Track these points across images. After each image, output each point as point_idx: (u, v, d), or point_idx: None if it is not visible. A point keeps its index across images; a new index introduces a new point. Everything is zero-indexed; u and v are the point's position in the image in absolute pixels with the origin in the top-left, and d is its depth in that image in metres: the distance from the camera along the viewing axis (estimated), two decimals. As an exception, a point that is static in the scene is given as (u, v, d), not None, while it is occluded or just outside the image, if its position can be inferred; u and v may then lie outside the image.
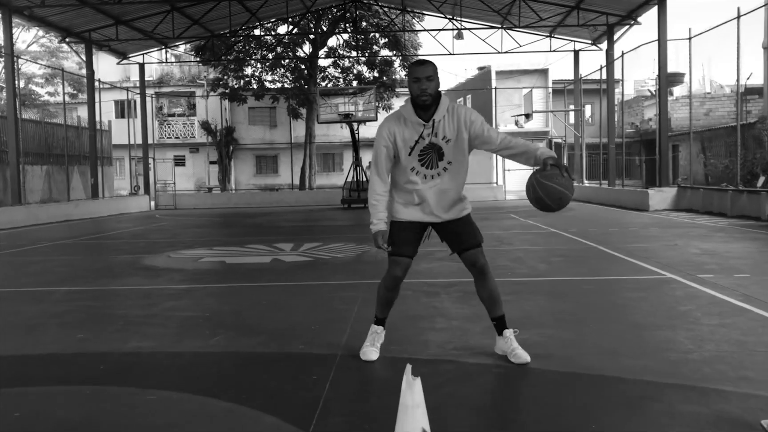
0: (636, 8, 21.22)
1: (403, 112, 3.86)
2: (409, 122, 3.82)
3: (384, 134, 3.87)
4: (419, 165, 3.86)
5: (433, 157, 3.85)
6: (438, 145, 3.82)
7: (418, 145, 3.82)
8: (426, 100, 3.72)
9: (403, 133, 3.83)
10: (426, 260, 8.75)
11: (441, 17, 25.23)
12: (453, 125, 3.81)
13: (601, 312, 5.54)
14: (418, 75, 3.71)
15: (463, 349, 4.39)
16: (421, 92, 3.71)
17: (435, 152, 3.84)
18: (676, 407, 3.27)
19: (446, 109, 3.81)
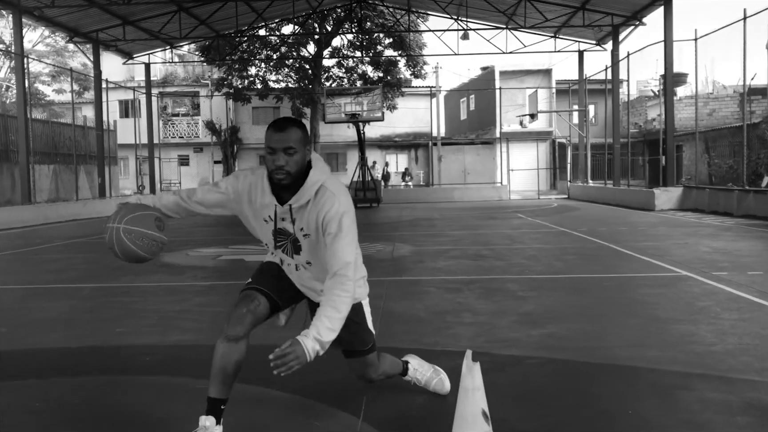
0: (641, 9, 21.38)
1: (257, 180, 2.84)
2: (260, 194, 2.83)
3: (228, 184, 2.91)
4: (273, 245, 2.93)
5: (289, 247, 2.89)
6: (293, 235, 2.84)
7: (270, 222, 2.85)
8: (282, 179, 2.69)
9: (258, 200, 2.84)
10: (442, 258, 8.91)
11: (446, 17, 25.38)
12: (314, 216, 2.76)
13: (622, 307, 5.70)
14: (273, 145, 2.67)
15: (493, 342, 4.54)
16: (276, 168, 2.67)
17: (290, 243, 2.88)
18: (706, 395, 3.42)
19: (313, 193, 2.74)
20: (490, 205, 23.19)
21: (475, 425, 2.45)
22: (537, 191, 29.27)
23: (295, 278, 3.00)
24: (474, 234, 12.34)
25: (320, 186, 2.74)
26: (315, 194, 2.74)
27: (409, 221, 16.16)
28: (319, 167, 2.78)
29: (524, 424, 3.12)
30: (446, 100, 43.30)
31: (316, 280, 2.93)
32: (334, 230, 2.70)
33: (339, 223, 2.71)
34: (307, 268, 2.93)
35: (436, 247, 10.30)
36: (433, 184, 32.79)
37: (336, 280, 2.65)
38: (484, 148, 36.22)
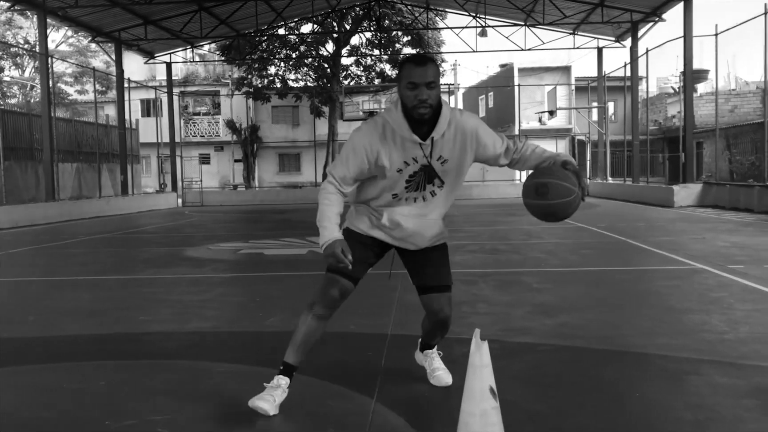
0: (661, 5, 21.27)
1: (391, 123, 2.88)
2: (398, 138, 2.87)
3: (362, 148, 2.89)
4: (403, 189, 3.00)
5: (422, 179, 2.97)
6: (431, 167, 2.94)
7: (408, 167, 2.92)
8: (425, 113, 2.78)
9: (390, 153, 2.89)
10: (459, 252, 9.00)
11: (464, 15, 25.40)
12: (456, 143, 2.93)
13: (637, 298, 5.75)
14: (416, 79, 2.75)
15: (507, 330, 4.63)
16: (419, 103, 2.76)
17: (425, 174, 2.96)
18: (715, 380, 3.48)
19: (447, 122, 2.88)
20: (509, 202, 23.18)
21: (483, 400, 2.54)
22: (556, 188, 29.17)
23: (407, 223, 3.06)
24: (492, 230, 12.41)
25: (451, 115, 2.90)
26: (448, 125, 2.89)
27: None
28: (445, 102, 2.94)
29: (533, 405, 3.20)
30: (465, 97, 43.28)
31: (433, 215, 3.10)
32: (492, 147, 3.01)
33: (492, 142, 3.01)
34: (435, 194, 3.04)
35: (453, 242, 10.34)
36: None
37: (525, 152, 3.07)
38: (503, 146, 36.12)
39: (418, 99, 2.74)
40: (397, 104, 2.87)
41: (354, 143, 2.92)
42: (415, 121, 2.82)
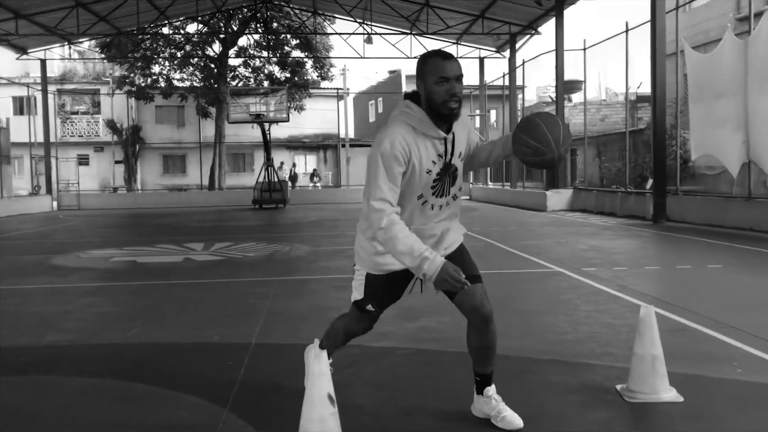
0: (536, 19, 22.36)
1: (412, 122, 2.77)
2: (421, 136, 2.77)
3: (397, 151, 2.72)
4: (431, 194, 2.88)
5: (446, 182, 2.89)
6: (453, 166, 2.89)
7: (435, 167, 2.82)
8: (456, 108, 2.73)
9: (419, 152, 2.77)
10: (339, 257, 9.14)
11: (352, 21, 25.68)
12: (464, 135, 2.97)
13: (494, 301, 6.01)
14: (447, 74, 2.69)
15: (369, 335, 4.78)
16: (450, 97, 2.70)
17: (449, 176, 2.89)
18: (550, 378, 3.79)
19: (459, 122, 2.91)
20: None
21: (321, 406, 2.68)
22: (441, 193, 29.99)
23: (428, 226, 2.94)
24: (372, 234, 12.64)
25: None
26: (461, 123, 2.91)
27: (312, 222, 16.31)
28: None
29: (381, 408, 3.38)
30: (355, 102, 43.70)
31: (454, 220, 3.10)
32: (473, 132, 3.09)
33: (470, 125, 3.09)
34: (457, 197, 3.01)
35: (334, 247, 10.52)
36: (341, 185, 33.00)
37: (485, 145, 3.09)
38: (391, 150, 36.71)
39: (449, 93, 2.69)
40: (410, 104, 2.80)
41: (386, 153, 2.71)
42: (440, 119, 2.77)
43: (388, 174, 2.71)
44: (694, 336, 4.65)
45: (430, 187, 2.85)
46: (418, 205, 2.88)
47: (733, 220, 11.92)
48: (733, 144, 12.08)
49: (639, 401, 3.35)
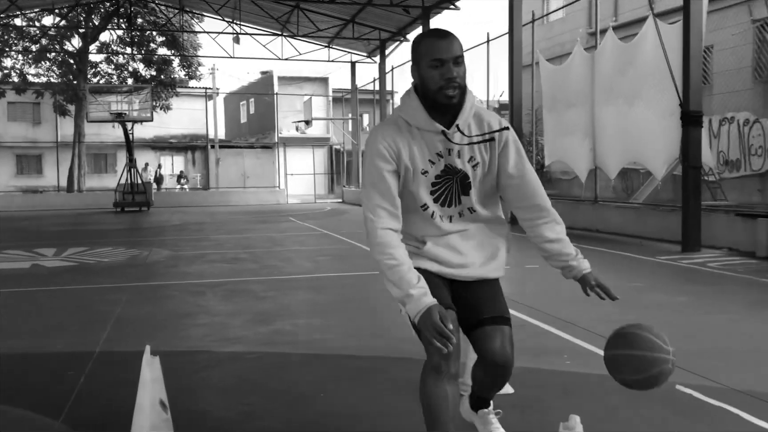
0: (405, 26, 22.88)
1: (404, 115, 2.36)
2: (415, 131, 2.35)
3: (382, 147, 2.32)
4: (431, 200, 2.41)
5: (453, 188, 2.41)
6: (461, 170, 2.39)
7: (433, 167, 2.37)
8: (454, 96, 2.27)
9: (410, 150, 2.35)
10: (198, 262, 8.95)
11: (220, 20, 25.17)
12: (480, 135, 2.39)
13: (354, 302, 6.20)
14: (442, 55, 2.25)
15: (220, 340, 4.75)
16: (447, 82, 2.25)
17: (456, 182, 2.41)
18: (398, 376, 3.91)
19: (471, 111, 2.37)
20: (267, 209, 23.37)
21: (153, 414, 2.63)
22: (314, 195, 30.02)
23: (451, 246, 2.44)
24: (238, 238, 12.47)
25: (476, 108, 2.37)
26: (472, 114, 2.36)
27: (176, 225, 15.83)
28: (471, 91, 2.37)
29: (224, 413, 3.35)
30: (226, 103, 42.82)
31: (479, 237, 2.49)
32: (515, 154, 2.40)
33: (517, 146, 2.42)
34: (476, 211, 2.45)
35: (195, 251, 10.28)
36: (210, 187, 32.22)
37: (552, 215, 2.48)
38: (264, 152, 36.37)
39: (445, 78, 2.23)
40: (409, 95, 2.37)
41: (372, 146, 2.34)
42: (436, 110, 2.31)
43: (377, 176, 2.32)
44: (534, 331, 4.95)
45: (429, 193, 2.39)
46: (425, 215, 2.43)
47: (582, 222, 12.76)
48: (582, 151, 12.94)
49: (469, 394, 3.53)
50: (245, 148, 36.35)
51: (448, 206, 2.43)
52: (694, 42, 9.17)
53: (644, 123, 11.01)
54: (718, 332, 4.93)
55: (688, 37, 9.17)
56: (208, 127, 30.61)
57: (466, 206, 2.44)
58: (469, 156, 2.37)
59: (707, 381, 3.66)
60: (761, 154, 14.96)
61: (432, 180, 2.38)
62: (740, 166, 15.58)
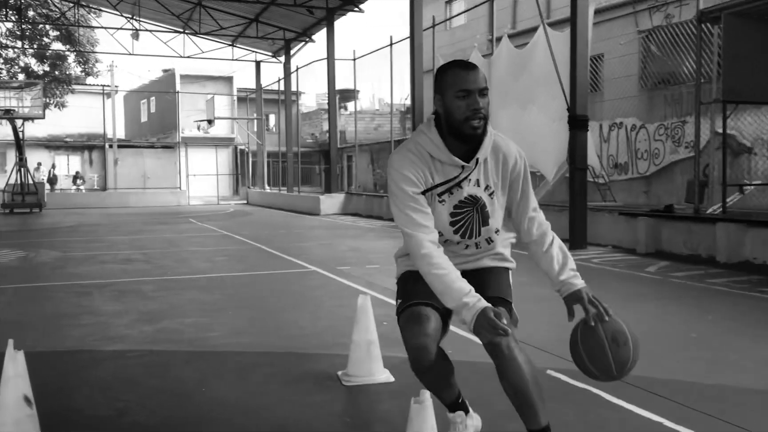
0: (310, 27, 22.85)
1: (425, 146, 2.40)
2: (438, 163, 2.40)
3: (410, 174, 2.36)
4: (452, 232, 2.47)
5: (474, 220, 2.47)
6: (479, 199, 2.46)
7: (451, 198, 2.43)
8: (479, 127, 2.32)
9: (433, 175, 2.40)
10: (88, 263, 8.65)
11: (119, 15, 24.34)
12: (498, 167, 2.48)
13: (242, 301, 6.16)
14: (470, 86, 2.30)
15: (102, 339, 4.62)
16: (473, 113, 2.30)
17: (476, 212, 2.47)
18: (278, 369, 3.94)
19: (492, 147, 2.44)
20: (167, 210, 22.76)
21: (17, 409, 2.56)
22: (217, 197, 29.48)
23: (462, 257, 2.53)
24: (134, 239, 12.10)
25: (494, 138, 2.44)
26: (493, 147, 2.44)
27: (69, 227, 15.18)
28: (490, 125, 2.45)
29: (98, 410, 3.28)
30: (126, 101, 41.38)
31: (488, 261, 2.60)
32: (523, 175, 2.50)
33: (527, 176, 2.52)
34: (493, 240, 2.54)
35: (86, 252, 9.91)
36: (108, 188, 31.06)
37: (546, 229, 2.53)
38: (165, 152, 35.35)
39: (471, 109, 2.28)
40: (429, 124, 2.41)
41: (397, 176, 2.36)
42: (460, 141, 2.37)
43: (409, 198, 2.35)
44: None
45: (449, 224, 2.44)
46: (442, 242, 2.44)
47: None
48: (479, 153, 13.31)
49: (354, 384, 3.60)
50: (146, 147, 35.23)
51: (468, 237, 2.49)
52: (580, 50, 9.64)
53: (536, 126, 11.47)
54: (593, 322, 5.22)
55: (575, 45, 9.63)
56: (106, 125, 29.49)
57: (485, 237, 2.52)
58: (485, 184, 2.45)
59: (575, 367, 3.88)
60: (647, 158, 15.85)
61: (451, 210, 2.43)
62: (628, 169, 16.45)
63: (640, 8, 15.55)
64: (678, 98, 14.26)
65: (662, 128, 14.58)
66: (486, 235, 2.51)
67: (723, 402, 3.31)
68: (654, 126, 14.74)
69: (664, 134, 14.61)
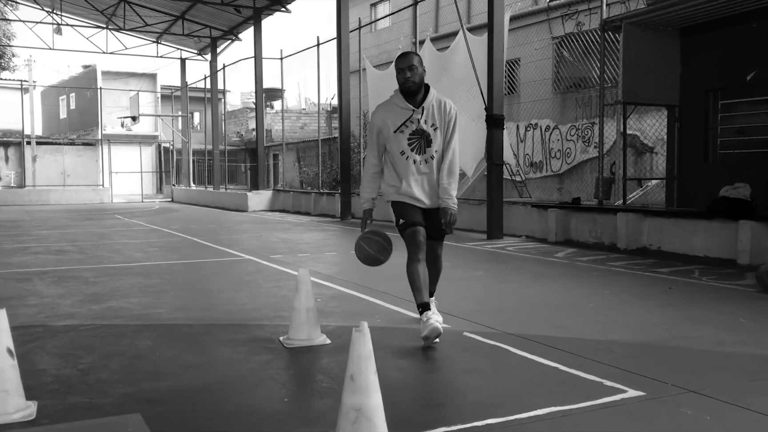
0: (237, 25, 22.99)
1: (393, 100, 4.25)
2: (397, 108, 4.21)
3: (376, 120, 4.28)
4: (408, 149, 4.22)
5: (422, 143, 4.21)
6: (426, 132, 4.20)
7: (407, 129, 4.19)
8: (411, 86, 4.13)
9: (391, 118, 4.21)
10: (20, 254, 8.73)
11: (39, 9, 23.79)
12: (441, 115, 4.23)
13: (182, 284, 6.50)
14: (401, 66, 4.14)
15: (53, 316, 4.91)
16: (404, 80, 4.12)
17: (423, 139, 4.21)
18: (223, 337, 4.35)
19: (434, 100, 4.22)
20: (90, 207, 22.44)
21: (2, 359, 2.89)
22: (141, 194, 29.12)
23: (420, 185, 4.28)
24: (62, 233, 12.10)
25: (437, 96, 4.26)
26: (434, 101, 4.23)
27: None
28: (433, 87, 4.30)
29: (61, 370, 3.61)
30: (44, 97, 40.11)
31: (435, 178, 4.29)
32: (452, 125, 4.27)
33: (453, 122, 4.28)
34: (432, 160, 4.26)
35: (16, 245, 9.94)
36: (26, 185, 30.14)
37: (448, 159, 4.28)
38: (86, 150, 34.47)
39: (403, 77, 4.14)
40: (396, 90, 4.24)
41: (372, 119, 4.35)
42: (409, 96, 4.18)
43: (372, 139, 4.37)
44: (349, 299, 5.58)
45: (407, 145, 4.23)
46: (403, 159, 4.26)
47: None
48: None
49: (295, 346, 4.06)
50: (65, 144, 34.30)
51: (418, 153, 4.26)
52: (497, 54, 10.34)
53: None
54: (505, 296, 5.86)
55: (491, 49, 10.33)
56: (24, 121, 28.65)
57: (429, 155, 4.27)
58: (432, 123, 4.24)
59: (488, 329, 4.46)
60: (559, 157, 16.84)
61: (407, 137, 4.23)
62: (543, 168, 17.42)
63: (553, 16, 16.53)
64: (588, 101, 15.26)
65: (574, 129, 15.56)
66: (429, 153, 4.26)
67: (611, 353, 3.94)
68: (566, 127, 15.70)
69: (575, 135, 15.59)
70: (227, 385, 3.39)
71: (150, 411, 2.98)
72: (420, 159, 4.24)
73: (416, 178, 4.27)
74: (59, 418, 2.92)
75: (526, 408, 2.98)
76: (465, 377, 3.57)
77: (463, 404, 3.14)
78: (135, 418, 2.90)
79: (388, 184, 4.36)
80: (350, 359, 2.45)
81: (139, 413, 2.94)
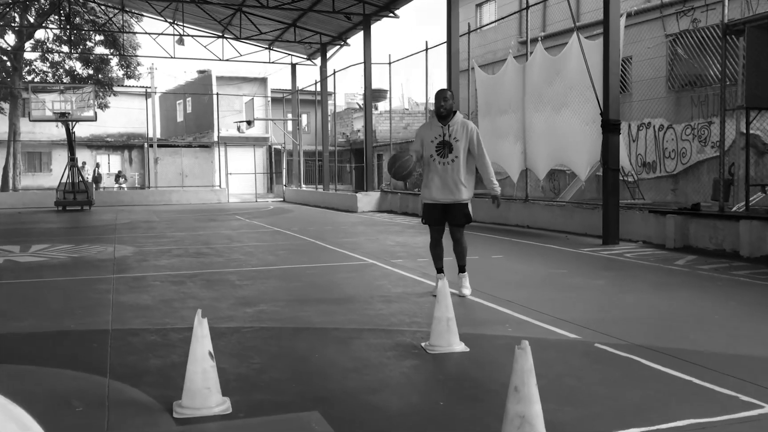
0: (346, 31, 23.73)
1: (431, 120, 6.40)
2: (433, 125, 6.31)
3: (420, 132, 6.44)
4: (435, 154, 6.22)
5: (445, 150, 6.20)
6: (449, 142, 6.20)
7: (436, 140, 6.22)
8: (442, 111, 6.22)
9: (428, 132, 6.34)
10: (166, 257, 9.58)
11: (162, 20, 25.42)
12: (462, 132, 6.23)
13: (320, 288, 7.04)
14: (438, 99, 6.25)
15: (215, 318, 5.49)
16: (438, 107, 6.23)
17: (446, 147, 6.20)
18: (371, 341, 4.79)
19: (459, 122, 6.25)
20: (210, 207, 23.80)
21: (204, 360, 3.43)
22: (255, 194, 30.50)
23: (442, 177, 6.22)
24: (194, 235, 13.06)
25: (462, 119, 6.30)
26: (459, 123, 6.25)
27: (126, 224, 16.22)
28: (460, 113, 6.41)
29: (238, 369, 4.15)
30: (162, 102, 42.63)
31: (456, 174, 6.21)
32: (476, 138, 6.27)
33: (478, 136, 6.30)
34: (454, 162, 6.19)
35: (157, 247, 10.87)
36: (149, 186, 32.23)
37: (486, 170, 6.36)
38: (202, 152, 36.50)
39: (437, 106, 6.25)
40: (432, 114, 6.40)
41: (417, 132, 6.52)
42: (441, 118, 6.23)
43: (416, 144, 6.43)
44: (475, 307, 5.92)
45: (435, 150, 6.23)
46: (431, 161, 6.25)
47: (514, 218, 13.91)
48: (514, 154, 14.11)
49: (438, 352, 4.44)
50: (183, 147, 36.39)
51: (442, 157, 6.23)
52: (613, 58, 10.37)
53: (569, 129, 12.22)
54: (628, 306, 6.02)
55: (607, 55, 10.37)
56: (148, 126, 30.65)
57: (451, 159, 6.21)
58: (454, 137, 6.22)
59: (617, 340, 4.69)
60: (674, 157, 16.47)
61: (436, 144, 6.23)
62: (656, 168, 17.08)
63: (667, 13, 16.17)
64: (704, 100, 14.88)
65: (689, 128, 15.20)
66: (450, 158, 6.20)
67: (743, 367, 4.08)
68: (681, 126, 15.35)
69: (690, 134, 15.22)
70: (387, 387, 3.80)
71: (326, 409, 3.43)
72: (442, 161, 6.20)
73: (439, 175, 6.21)
74: (250, 413, 3.42)
75: (665, 419, 3.22)
76: (601, 388, 3.83)
77: (604, 413, 3.42)
78: (315, 416, 3.36)
79: (423, 187, 6.42)
80: (514, 372, 2.79)
81: (317, 411, 3.40)
